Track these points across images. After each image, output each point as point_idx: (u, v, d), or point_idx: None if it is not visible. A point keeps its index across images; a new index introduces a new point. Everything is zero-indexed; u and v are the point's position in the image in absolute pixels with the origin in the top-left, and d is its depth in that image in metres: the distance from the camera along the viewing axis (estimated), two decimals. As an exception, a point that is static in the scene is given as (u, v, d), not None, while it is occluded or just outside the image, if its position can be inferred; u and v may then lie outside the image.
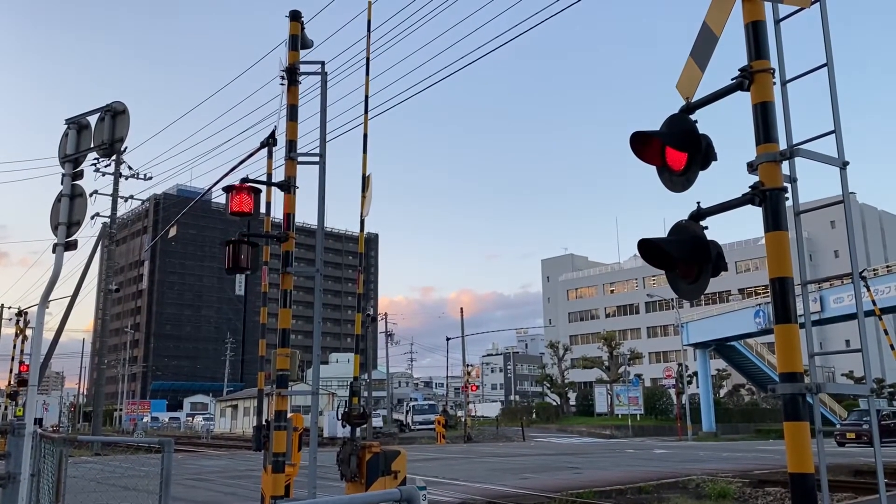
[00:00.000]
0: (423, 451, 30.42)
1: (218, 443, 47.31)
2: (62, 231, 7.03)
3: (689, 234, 4.71)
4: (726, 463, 21.07)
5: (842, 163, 4.48)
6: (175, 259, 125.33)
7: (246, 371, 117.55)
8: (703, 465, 20.26)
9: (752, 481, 15.89)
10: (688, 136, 4.75)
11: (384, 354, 66.08)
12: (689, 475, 16.21)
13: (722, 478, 15.71)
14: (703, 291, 4.69)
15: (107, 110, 7.32)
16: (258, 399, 10.97)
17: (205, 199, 66.37)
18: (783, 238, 4.29)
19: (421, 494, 3.81)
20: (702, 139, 4.70)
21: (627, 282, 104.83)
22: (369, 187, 10.68)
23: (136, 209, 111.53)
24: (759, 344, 53.79)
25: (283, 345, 8.30)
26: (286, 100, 8.65)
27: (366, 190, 10.61)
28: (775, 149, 4.36)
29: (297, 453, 9.80)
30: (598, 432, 52.28)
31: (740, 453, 26.94)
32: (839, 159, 4.48)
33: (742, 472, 17.25)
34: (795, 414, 4.10)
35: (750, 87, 4.46)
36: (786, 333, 4.19)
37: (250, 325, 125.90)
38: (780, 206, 4.31)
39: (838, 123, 4.50)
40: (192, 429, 72.60)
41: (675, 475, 16.52)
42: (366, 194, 10.59)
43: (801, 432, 4.08)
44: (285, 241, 8.43)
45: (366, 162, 10.82)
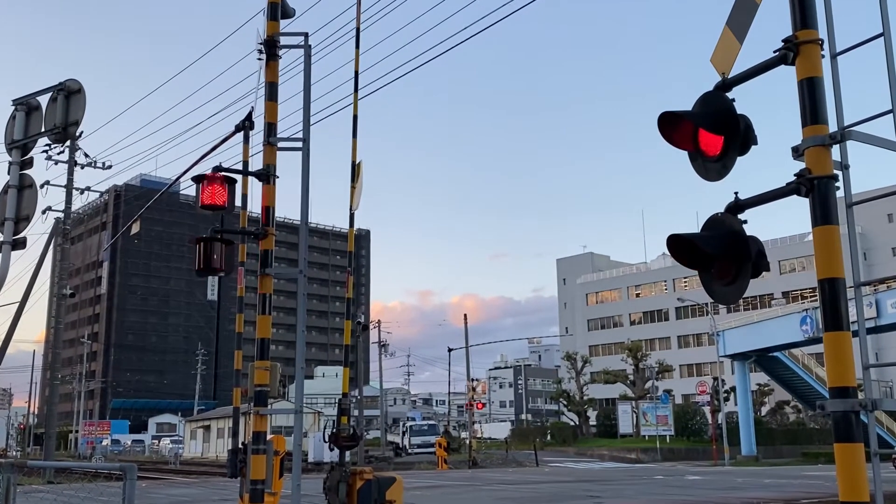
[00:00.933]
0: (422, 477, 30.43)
1: (188, 469, 47.36)
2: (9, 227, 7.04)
3: (725, 228, 4.71)
4: (769, 491, 21.06)
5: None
6: (138, 259, 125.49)
7: (219, 387, 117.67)
8: (742, 493, 20.26)
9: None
10: (724, 116, 4.75)
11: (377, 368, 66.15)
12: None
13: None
14: (742, 294, 4.69)
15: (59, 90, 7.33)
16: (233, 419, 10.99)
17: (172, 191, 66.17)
18: (833, 233, 4.28)
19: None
20: (740, 120, 4.70)
21: (655, 284, 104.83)
22: (360, 177, 10.55)
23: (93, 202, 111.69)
24: (806, 355, 53.76)
25: (261, 357, 8.30)
26: (264, 77, 8.66)
27: (356, 180, 10.47)
28: (824, 131, 4.36)
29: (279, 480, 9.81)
30: (622, 456, 52.31)
31: (785, 480, 26.94)
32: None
33: (787, 501, 17.26)
34: (848, 434, 4.10)
35: (795, 61, 4.46)
36: (836, 342, 4.18)
37: (224, 334, 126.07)
38: (829, 197, 4.30)
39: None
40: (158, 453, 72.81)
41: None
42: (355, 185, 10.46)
43: (854, 455, 4.08)
44: (264, 239, 8.44)
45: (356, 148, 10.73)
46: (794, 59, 4.46)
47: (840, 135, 4.37)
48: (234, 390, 10.99)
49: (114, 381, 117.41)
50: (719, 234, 4.71)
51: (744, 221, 4.70)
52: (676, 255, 4.83)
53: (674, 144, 4.95)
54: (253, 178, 9.01)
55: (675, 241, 4.78)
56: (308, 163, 8.48)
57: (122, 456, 68.50)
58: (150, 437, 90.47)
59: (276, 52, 8.62)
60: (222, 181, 8.34)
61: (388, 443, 62.83)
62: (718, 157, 4.80)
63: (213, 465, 49.93)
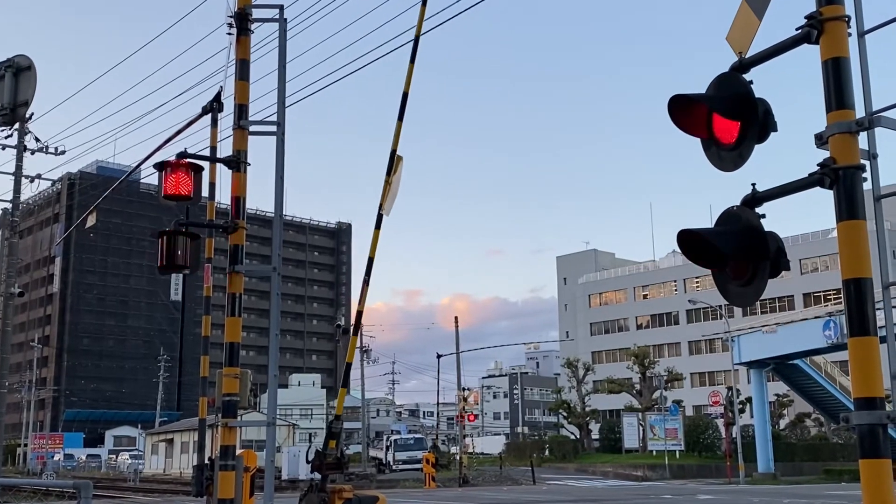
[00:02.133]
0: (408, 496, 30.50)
1: (149, 486, 47.31)
2: (-49, 219, 7.00)
3: (741, 223, 4.72)
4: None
5: (934, 134, 4.49)
6: (94, 255, 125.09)
7: (184, 397, 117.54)
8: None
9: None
10: (741, 100, 4.76)
11: (359, 376, 66.13)
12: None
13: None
14: (760, 295, 4.71)
15: (7, 66, 7.30)
16: (199, 431, 11.00)
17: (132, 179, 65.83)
18: (860, 229, 4.30)
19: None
20: (758, 104, 4.71)
21: (664, 284, 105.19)
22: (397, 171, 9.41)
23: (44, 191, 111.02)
24: (830, 363, 54.03)
25: (230, 363, 8.29)
26: (235, 54, 8.65)
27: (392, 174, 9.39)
28: (851, 117, 4.38)
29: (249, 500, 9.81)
30: (628, 473, 52.51)
31: (805, 500, 27.11)
32: (931, 130, 4.49)
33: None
34: (874, 449, 4.12)
35: (819, 40, 4.47)
36: (862, 348, 4.20)
37: (190, 338, 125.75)
38: (855, 189, 4.32)
39: (929, 85, 4.51)
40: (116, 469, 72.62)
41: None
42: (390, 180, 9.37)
43: (882, 472, 4.10)
44: (234, 232, 8.42)
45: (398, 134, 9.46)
46: (818, 37, 4.47)
47: (868, 121, 4.38)
48: (200, 400, 10.99)
49: (67, 390, 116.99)
50: (735, 230, 4.73)
51: (762, 216, 4.71)
52: (688, 253, 4.85)
53: (685, 131, 4.97)
54: (222, 165, 8.99)
55: (686, 237, 4.80)
56: (283, 149, 8.46)
57: (76, 472, 68.30)
58: (108, 452, 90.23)
59: (248, 27, 8.60)
60: (188, 169, 8.32)
61: (370, 458, 62.87)
62: (734, 144, 4.82)
63: (176, 482, 49.85)
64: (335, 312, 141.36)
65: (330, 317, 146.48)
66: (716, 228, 4.84)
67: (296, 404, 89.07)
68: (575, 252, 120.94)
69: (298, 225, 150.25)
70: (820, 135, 4.46)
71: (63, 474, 61.07)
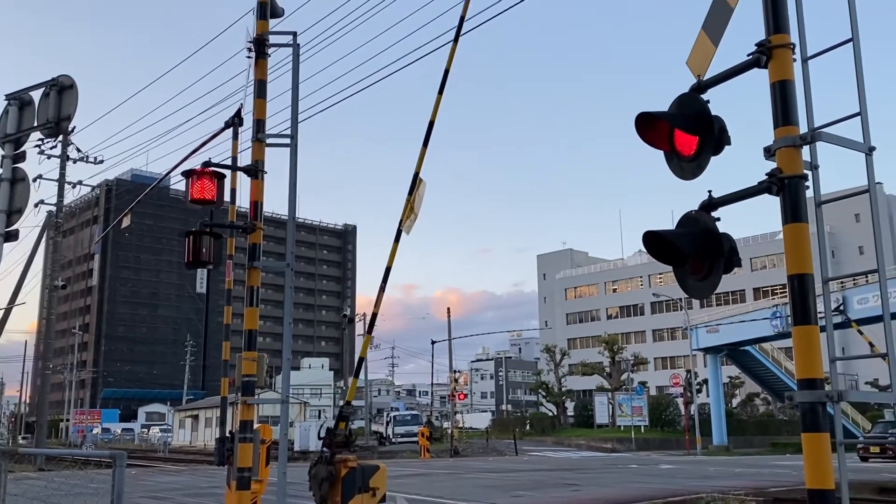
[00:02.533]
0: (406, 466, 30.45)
1: (176, 457, 47.17)
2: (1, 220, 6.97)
3: (699, 225, 4.73)
4: (739, 479, 21.23)
5: (868, 148, 4.51)
6: (129, 252, 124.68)
7: (208, 377, 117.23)
8: (713, 481, 20.40)
9: (767, 500, 16.03)
10: (699, 117, 4.77)
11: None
12: (698, 493, 16.32)
13: (734, 496, 15.83)
14: (715, 289, 4.72)
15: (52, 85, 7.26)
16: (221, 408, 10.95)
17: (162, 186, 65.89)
18: (803, 230, 4.31)
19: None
20: (714, 121, 4.72)
21: (631, 280, 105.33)
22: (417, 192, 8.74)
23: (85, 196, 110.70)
24: (776, 349, 54.21)
25: (249, 348, 8.27)
26: (254, 75, 8.61)
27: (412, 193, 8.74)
28: (795, 132, 4.39)
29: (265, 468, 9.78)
30: (599, 446, 52.57)
31: (754, 469, 27.16)
32: (865, 144, 4.51)
33: (756, 490, 17.39)
34: (815, 424, 4.13)
35: (768, 64, 4.48)
36: (805, 336, 4.22)
37: (213, 326, 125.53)
38: (799, 196, 4.33)
39: (864, 105, 4.52)
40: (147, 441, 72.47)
41: (683, 493, 16.63)
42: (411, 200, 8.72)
43: (821, 445, 4.11)
44: (252, 233, 8.40)
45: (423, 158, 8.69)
46: (767, 62, 4.48)
47: (810, 136, 4.40)
48: (221, 380, 10.95)
49: (104, 371, 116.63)
50: (693, 231, 4.73)
51: (717, 219, 4.72)
52: (652, 251, 4.85)
53: (650, 144, 4.97)
54: (241, 173, 8.96)
55: (650, 238, 4.80)
56: (296, 159, 8.45)
57: (112, 444, 68.10)
58: (140, 426, 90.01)
59: (265, 51, 8.58)
60: (212, 176, 8.29)
61: (372, 432, 62.78)
62: (693, 156, 4.82)
63: (200, 453, 49.74)
64: (342, 304, 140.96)
65: (337, 308, 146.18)
66: (677, 230, 4.84)
67: (306, 384, 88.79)
68: (553, 251, 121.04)
69: (309, 226, 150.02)
70: (768, 148, 4.47)
71: (100, 446, 60.87)
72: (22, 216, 7.20)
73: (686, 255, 4.74)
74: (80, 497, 6.53)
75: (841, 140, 4.45)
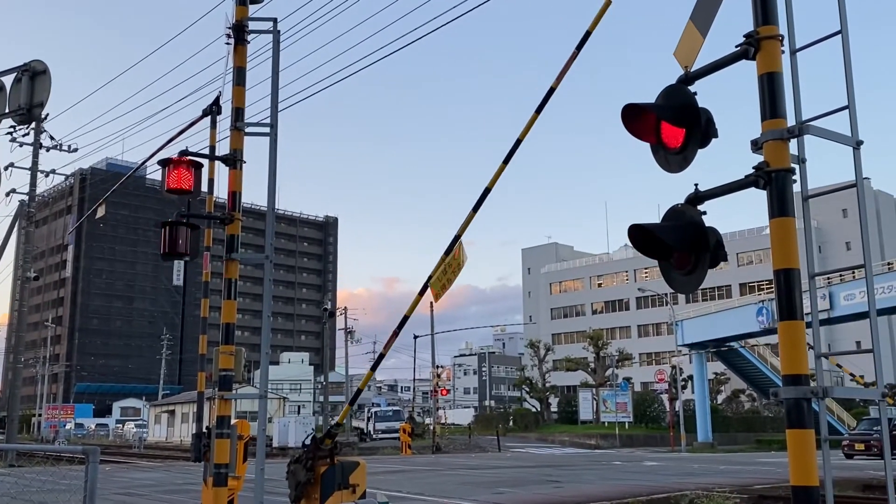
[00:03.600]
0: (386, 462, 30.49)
1: (152, 453, 46.96)
2: (-29, 208, 6.89)
3: (685, 219, 4.74)
4: (723, 476, 21.40)
5: (855, 142, 4.53)
6: (103, 243, 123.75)
7: (184, 372, 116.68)
8: (697, 478, 20.56)
9: (752, 497, 16.17)
10: (686, 109, 4.78)
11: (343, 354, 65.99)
12: (682, 490, 16.44)
13: (718, 493, 15.95)
14: (700, 283, 4.73)
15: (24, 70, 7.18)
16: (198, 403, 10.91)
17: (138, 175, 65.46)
18: (790, 225, 4.33)
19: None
20: (701, 113, 4.73)
21: (617, 274, 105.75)
22: (457, 256, 7.88)
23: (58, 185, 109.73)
24: (762, 345, 54.61)
25: (226, 342, 8.23)
26: (232, 62, 8.55)
27: (450, 255, 7.89)
28: (783, 125, 4.40)
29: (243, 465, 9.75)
30: (582, 442, 52.79)
31: (739, 466, 27.39)
32: (853, 138, 4.53)
33: (741, 487, 17.53)
34: (800, 421, 4.16)
35: (756, 56, 4.49)
36: (791, 331, 4.24)
37: (190, 319, 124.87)
38: (786, 189, 4.35)
39: (852, 98, 4.55)
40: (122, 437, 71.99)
41: (667, 490, 16.74)
42: (448, 261, 7.88)
43: (806, 441, 4.14)
44: (230, 224, 8.35)
45: (467, 225, 7.67)
46: (755, 54, 4.49)
47: (798, 129, 4.41)
48: (198, 375, 10.90)
49: (78, 365, 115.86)
50: (679, 225, 4.75)
51: (703, 212, 4.74)
52: (637, 245, 4.87)
53: (636, 136, 4.98)
54: (220, 162, 8.90)
55: (636, 231, 4.81)
56: (276, 148, 8.40)
57: (85, 440, 67.64)
58: (115, 422, 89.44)
59: (245, 37, 8.52)
60: (189, 165, 8.24)
61: (352, 428, 62.76)
62: (680, 149, 4.83)
63: (177, 449, 49.54)
64: (322, 297, 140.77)
65: (317, 301, 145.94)
66: (662, 224, 4.85)
67: (286, 379, 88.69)
68: (538, 245, 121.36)
69: (290, 218, 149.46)
70: (755, 141, 4.48)
71: (73, 441, 60.44)
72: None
73: (672, 249, 4.76)
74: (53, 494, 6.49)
75: (829, 134, 4.47)
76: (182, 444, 53.68)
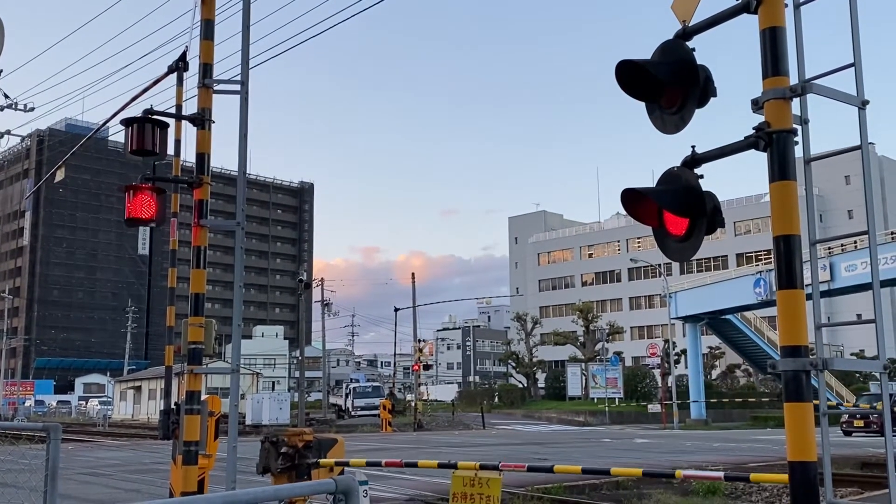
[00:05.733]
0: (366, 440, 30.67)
1: (117, 431, 47.01)
2: (-81, 170, 6.79)
3: (681, 183, 4.73)
4: (717, 454, 21.69)
5: (861, 101, 4.53)
6: (64, 210, 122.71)
7: (151, 346, 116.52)
8: (690, 456, 20.83)
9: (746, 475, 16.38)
10: (683, 66, 4.75)
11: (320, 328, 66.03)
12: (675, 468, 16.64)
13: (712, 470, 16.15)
14: (696, 250, 4.74)
15: (-26, 21, 7.03)
16: (166, 378, 10.90)
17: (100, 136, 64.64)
18: (791, 189, 4.33)
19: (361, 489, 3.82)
20: (700, 71, 4.71)
21: (608, 244, 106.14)
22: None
23: (14, 147, 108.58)
24: (759, 318, 55.13)
25: (196, 313, 8.21)
26: (200, 14, 8.44)
27: None
28: (785, 83, 4.39)
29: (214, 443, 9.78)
30: (571, 419, 53.29)
31: (733, 443, 27.75)
32: (858, 97, 4.53)
33: (735, 465, 17.78)
34: (798, 394, 4.19)
35: (758, 10, 4.47)
36: (790, 300, 4.26)
37: (156, 290, 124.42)
38: (788, 152, 4.34)
39: (858, 56, 4.53)
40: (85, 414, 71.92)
41: (659, 468, 16.95)
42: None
43: (804, 415, 4.18)
44: (199, 188, 8.29)
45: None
46: (757, 7, 4.46)
47: (801, 87, 4.40)
48: (166, 348, 10.87)
49: (38, 339, 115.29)
50: (675, 189, 4.74)
51: (700, 176, 4.73)
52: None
53: (632, 95, 4.95)
54: (187, 122, 8.82)
55: (629, 195, 4.81)
56: (247, 108, 8.31)
57: (46, 417, 67.58)
58: (77, 399, 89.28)
59: (214, -13, 8.40)
60: (154, 125, 8.16)
61: (330, 405, 63.04)
62: (677, 109, 4.81)
63: (144, 427, 49.60)
64: (297, 268, 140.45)
65: (293, 272, 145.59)
66: (657, 188, 4.85)
67: (259, 354, 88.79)
68: (526, 213, 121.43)
69: (263, 184, 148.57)
70: (756, 100, 4.47)
71: (34, 419, 60.37)
72: (-58, 167, 7.03)
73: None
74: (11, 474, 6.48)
75: (833, 93, 4.46)
76: (149, 422, 53.76)
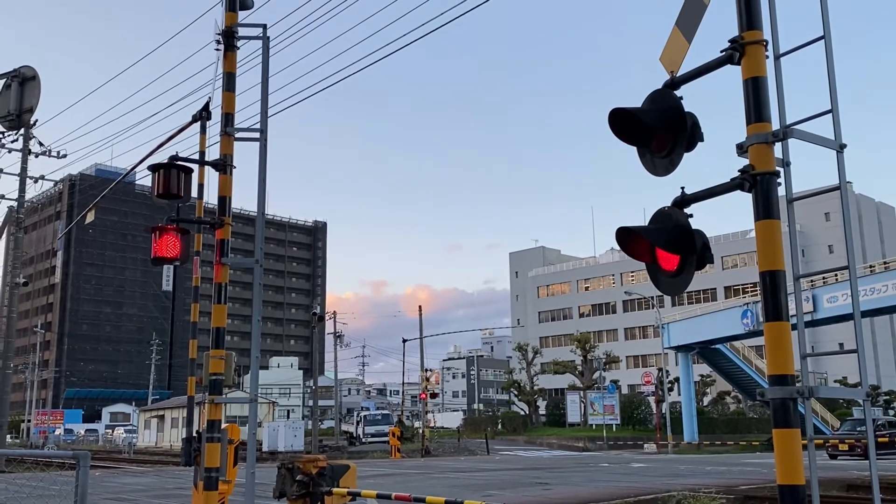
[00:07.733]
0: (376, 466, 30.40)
1: (142, 458, 46.70)
2: (-40, 214, 6.84)
3: (672, 222, 4.75)
4: (709, 477, 21.45)
5: (839, 145, 4.56)
6: (93, 249, 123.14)
7: (174, 377, 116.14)
8: (683, 479, 20.60)
9: (738, 497, 16.22)
10: (672, 113, 4.79)
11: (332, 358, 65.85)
12: (669, 491, 16.47)
13: (704, 493, 16.00)
14: (688, 285, 4.74)
15: (14, 76, 7.14)
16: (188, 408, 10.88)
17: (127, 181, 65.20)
18: (775, 227, 4.35)
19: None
20: (687, 117, 4.75)
21: (603, 278, 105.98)
22: None
23: (47, 191, 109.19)
24: (747, 347, 54.82)
25: (216, 346, 8.21)
26: (222, 67, 8.53)
27: None
28: (767, 129, 4.42)
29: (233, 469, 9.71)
30: (570, 444, 52.83)
31: (724, 467, 27.45)
32: (836, 141, 4.56)
33: (726, 487, 17.58)
34: (786, 420, 4.17)
35: (741, 61, 4.52)
36: (776, 332, 4.25)
37: (179, 324, 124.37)
38: (771, 192, 4.37)
39: (835, 102, 4.57)
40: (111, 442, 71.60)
41: (654, 491, 16.77)
42: None
43: (792, 440, 4.16)
44: (220, 228, 8.33)
45: None
46: (740, 59, 4.52)
47: (782, 133, 4.43)
48: (188, 379, 10.87)
49: (67, 371, 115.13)
50: (666, 228, 4.76)
51: (690, 215, 4.75)
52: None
53: (623, 140, 4.99)
54: (209, 168, 8.88)
55: (624, 234, 4.82)
56: (265, 154, 8.39)
57: (75, 445, 67.22)
58: (104, 427, 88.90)
59: (235, 43, 8.51)
60: (178, 171, 8.22)
61: (342, 432, 62.64)
62: (666, 153, 4.85)
63: (166, 454, 49.30)
64: (311, 302, 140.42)
65: (306, 306, 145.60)
66: (650, 227, 4.87)
67: (275, 384, 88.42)
68: (526, 248, 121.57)
69: (279, 223, 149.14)
70: (741, 144, 4.50)
71: (63, 447, 60.04)
72: (-18, 210, 7.08)
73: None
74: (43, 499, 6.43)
75: (813, 137, 4.49)
76: (172, 449, 53.45)
